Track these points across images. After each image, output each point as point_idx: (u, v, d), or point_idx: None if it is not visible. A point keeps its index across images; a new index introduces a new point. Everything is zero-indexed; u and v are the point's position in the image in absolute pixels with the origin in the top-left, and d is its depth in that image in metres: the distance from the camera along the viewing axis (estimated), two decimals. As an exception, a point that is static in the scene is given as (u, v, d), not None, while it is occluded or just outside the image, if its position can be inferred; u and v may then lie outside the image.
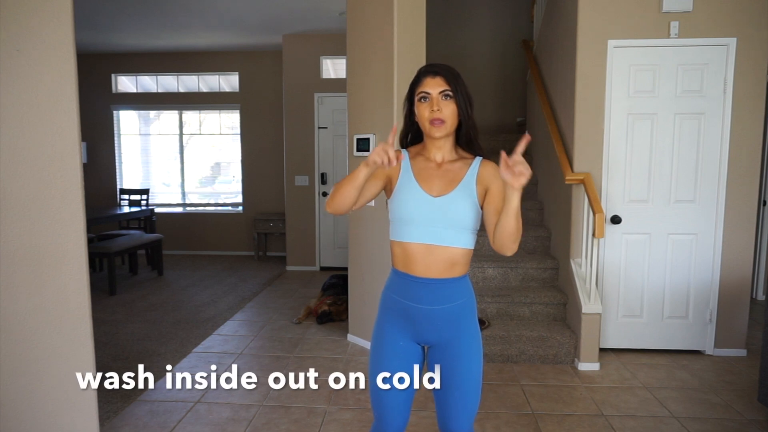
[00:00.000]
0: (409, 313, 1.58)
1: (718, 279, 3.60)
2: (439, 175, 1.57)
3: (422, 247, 1.54)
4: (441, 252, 1.53)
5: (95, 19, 5.61)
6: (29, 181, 2.07)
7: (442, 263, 1.54)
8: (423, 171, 1.59)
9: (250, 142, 7.39)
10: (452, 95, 1.52)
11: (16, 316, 2.09)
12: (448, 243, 1.53)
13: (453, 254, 1.54)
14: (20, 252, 2.07)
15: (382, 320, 1.64)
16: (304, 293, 5.39)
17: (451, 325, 1.58)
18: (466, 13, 6.01)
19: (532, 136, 5.09)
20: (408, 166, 1.60)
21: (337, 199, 1.49)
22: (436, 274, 1.54)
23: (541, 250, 4.31)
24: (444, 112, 1.51)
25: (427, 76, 1.54)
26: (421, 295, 1.56)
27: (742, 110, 3.49)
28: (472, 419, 1.61)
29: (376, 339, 1.65)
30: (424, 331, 1.59)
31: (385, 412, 1.62)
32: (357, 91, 3.82)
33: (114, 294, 5.28)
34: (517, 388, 3.14)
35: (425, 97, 1.54)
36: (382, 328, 1.63)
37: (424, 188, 1.55)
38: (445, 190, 1.55)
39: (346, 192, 1.48)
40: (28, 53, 2.04)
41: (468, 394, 1.58)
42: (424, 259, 1.54)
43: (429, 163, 1.60)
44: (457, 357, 1.58)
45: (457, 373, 1.57)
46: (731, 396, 3.04)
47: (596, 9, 3.53)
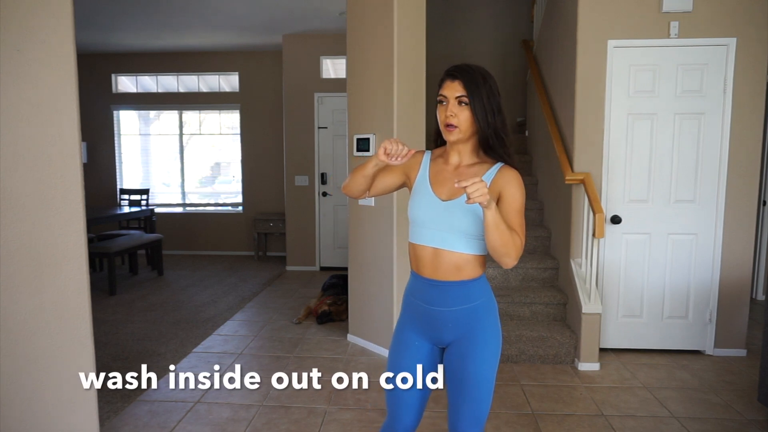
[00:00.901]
0: (424, 314, 1.59)
1: (718, 279, 3.60)
2: (453, 178, 1.56)
3: (430, 250, 1.54)
4: (447, 256, 1.53)
5: (95, 19, 5.61)
6: (29, 181, 2.07)
7: (449, 267, 1.53)
8: (439, 174, 1.58)
9: (250, 142, 7.39)
10: (468, 102, 1.49)
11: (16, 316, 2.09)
12: (454, 248, 1.52)
13: (459, 259, 1.53)
14: (20, 252, 2.07)
15: (402, 320, 1.67)
16: (304, 293, 5.39)
17: (466, 327, 1.57)
18: (466, 13, 6.01)
19: (532, 135, 5.09)
20: (426, 168, 1.61)
21: (350, 183, 1.63)
22: (444, 276, 1.54)
23: (541, 250, 4.31)
24: (458, 118, 1.49)
25: (447, 79, 1.52)
26: (432, 296, 1.56)
27: (742, 110, 3.49)
28: (482, 422, 1.59)
29: (395, 338, 1.67)
30: (440, 332, 1.59)
31: (397, 410, 1.64)
32: (357, 91, 3.82)
33: (114, 294, 5.28)
34: (517, 388, 3.14)
35: (442, 100, 1.53)
36: (402, 328, 1.66)
37: (435, 191, 1.55)
38: (454, 195, 1.53)
39: (355, 178, 1.61)
40: (28, 53, 2.04)
41: (478, 395, 1.57)
42: (432, 261, 1.54)
43: (447, 166, 1.59)
44: (470, 358, 1.56)
45: (469, 374, 1.56)
46: (731, 396, 3.04)
47: (596, 9, 3.53)
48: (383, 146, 1.47)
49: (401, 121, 3.49)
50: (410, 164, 1.63)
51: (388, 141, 1.47)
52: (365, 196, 1.68)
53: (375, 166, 1.55)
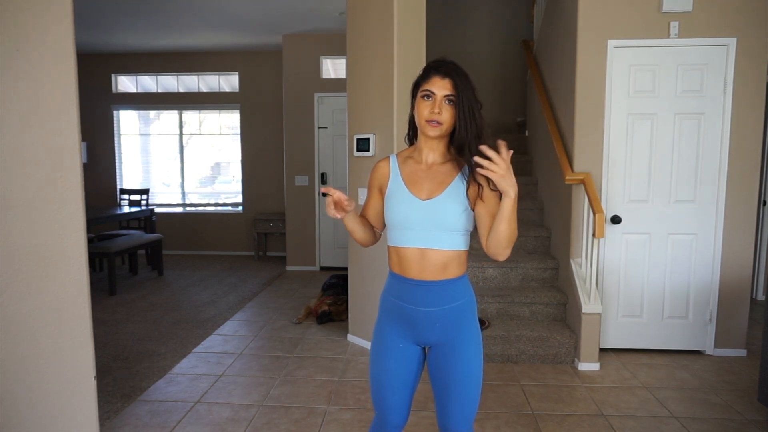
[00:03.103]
0: (408, 314, 1.58)
1: (718, 279, 3.60)
2: (429, 177, 1.56)
3: (415, 251, 1.54)
4: (433, 255, 1.53)
5: (95, 19, 5.62)
6: (29, 181, 2.07)
7: (436, 266, 1.53)
8: (412, 175, 1.58)
9: (250, 142, 7.39)
10: (455, 101, 1.48)
11: (16, 316, 2.09)
12: (440, 246, 1.53)
13: (445, 257, 1.54)
14: (20, 252, 2.07)
15: (382, 322, 1.65)
16: (304, 293, 5.39)
17: (450, 326, 1.57)
18: (466, 13, 6.01)
19: (532, 135, 5.09)
20: (397, 172, 1.60)
21: (360, 242, 1.72)
22: (430, 276, 1.54)
23: (541, 250, 4.31)
24: (443, 116, 1.49)
25: (437, 75, 1.50)
26: (417, 297, 1.56)
27: (742, 110, 3.49)
28: (472, 419, 1.61)
29: (376, 340, 1.66)
30: (423, 333, 1.59)
31: (385, 410, 1.64)
32: (357, 91, 3.82)
33: (114, 294, 5.28)
34: (517, 388, 3.14)
35: (429, 95, 1.50)
36: (382, 330, 1.64)
37: (413, 192, 1.55)
38: (433, 193, 1.54)
39: (356, 238, 1.70)
40: (28, 53, 2.04)
41: (467, 394, 1.57)
42: (418, 262, 1.54)
43: (419, 165, 1.59)
44: (457, 357, 1.57)
45: (457, 374, 1.57)
46: (731, 396, 3.04)
47: (596, 9, 3.53)
48: (329, 206, 1.51)
49: (401, 121, 3.49)
50: (378, 176, 1.64)
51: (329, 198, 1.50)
52: (379, 234, 1.75)
53: (351, 221, 1.61)
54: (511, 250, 1.50)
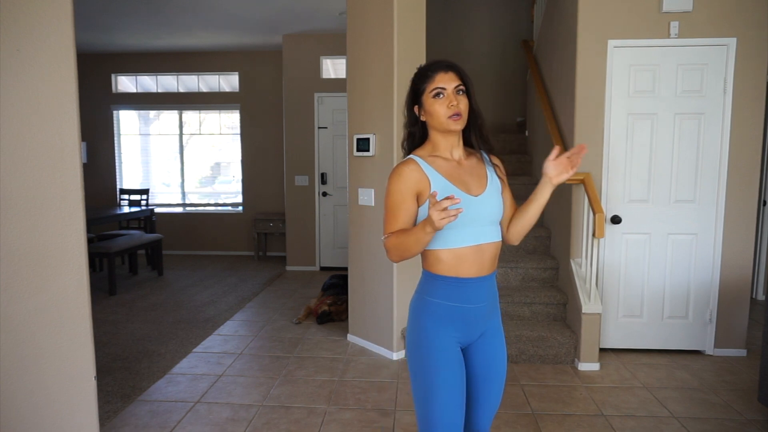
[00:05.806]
0: (464, 315, 1.53)
1: (718, 279, 3.60)
2: (467, 173, 1.55)
3: (474, 248, 1.51)
4: (489, 249, 1.54)
5: (95, 19, 5.61)
6: (29, 181, 2.07)
7: (491, 260, 1.56)
8: (452, 172, 1.53)
9: (250, 142, 7.39)
10: (465, 90, 1.52)
11: (16, 317, 2.09)
12: (493, 239, 1.55)
13: (497, 248, 1.58)
14: (20, 252, 2.07)
15: (435, 329, 1.53)
16: (304, 293, 5.39)
17: (490, 321, 1.61)
18: (466, 12, 6.01)
19: (532, 135, 5.09)
20: (434, 172, 1.51)
21: (404, 255, 1.49)
22: (487, 271, 1.55)
23: (541, 250, 4.31)
24: (461, 106, 1.50)
25: (440, 71, 1.50)
26: (478, 294, 1.54)
27: (742, 110, 3.49)
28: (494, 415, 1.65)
29: (429, 349, 1.52)
30: (474, 330, 1.57)
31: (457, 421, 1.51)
32: (357, 91, 3.82)
33: (114, 294, 5.28)
34: (517, 388, 3.14)
35: (440, 93, 1.49)
36: (438, 338, 1.52)
37: (462, 190, 1.52)
38: (480, 188, 1.55)
39: (413, 252, 1.47)
40: (29, 53, 2.04)
41: (499, 392, 1.61)
42: (477, 260, 1.52)
43: (450, 162, 1.55)
44: (498, 357, 1.61)
45: (495, 373, 1.59)
46: (731, 396, 3.04)
47: (596, 9, 3.53)
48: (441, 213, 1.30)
49: (401, 121, 3.48)
50: (413, 180, 1.49)
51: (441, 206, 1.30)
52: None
53: (431, 232, 1.38)
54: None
